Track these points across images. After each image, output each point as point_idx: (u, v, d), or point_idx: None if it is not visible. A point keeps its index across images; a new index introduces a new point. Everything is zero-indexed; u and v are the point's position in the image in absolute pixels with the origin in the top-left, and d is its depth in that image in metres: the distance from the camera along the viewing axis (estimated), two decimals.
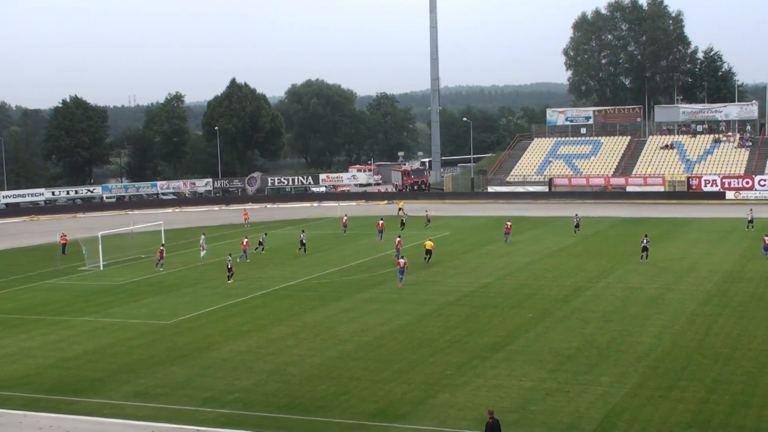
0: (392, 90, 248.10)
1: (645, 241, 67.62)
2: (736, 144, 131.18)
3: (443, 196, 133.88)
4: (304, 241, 77.39)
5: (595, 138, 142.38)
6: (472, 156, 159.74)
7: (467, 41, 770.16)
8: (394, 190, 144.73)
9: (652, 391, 34.39)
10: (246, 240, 75.54)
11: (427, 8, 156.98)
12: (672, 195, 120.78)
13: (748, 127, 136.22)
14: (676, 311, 48.59)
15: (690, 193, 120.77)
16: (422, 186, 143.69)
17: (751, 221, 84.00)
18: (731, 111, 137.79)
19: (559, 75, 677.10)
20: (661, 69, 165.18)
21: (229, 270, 63.20)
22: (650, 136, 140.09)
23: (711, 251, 70.77)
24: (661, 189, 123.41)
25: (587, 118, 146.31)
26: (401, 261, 60.15)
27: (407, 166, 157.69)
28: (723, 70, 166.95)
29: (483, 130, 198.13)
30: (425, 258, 68.03)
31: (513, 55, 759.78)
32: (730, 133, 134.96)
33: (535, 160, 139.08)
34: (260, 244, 78.17)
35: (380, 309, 51.81)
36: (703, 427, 30.37)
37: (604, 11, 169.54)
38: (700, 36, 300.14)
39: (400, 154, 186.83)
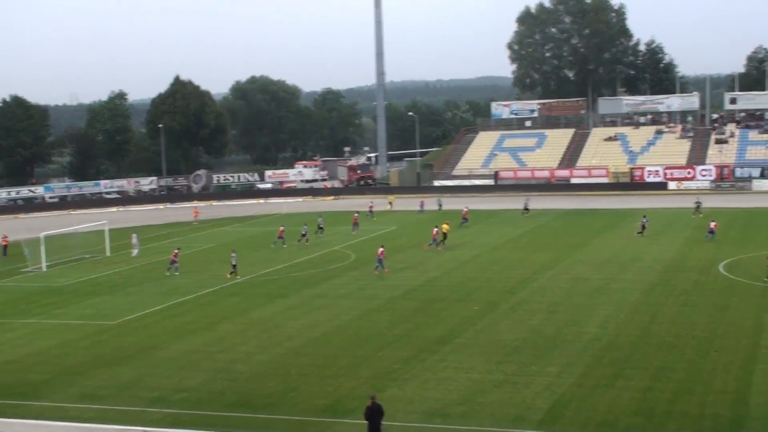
0: (338, 85, 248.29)
1: (644, 220, 74.06)
2: (678, 135, 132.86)
3: (390, 191, 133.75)
4: (304, 233, 78.31)
5: (540, 131, 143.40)
6: (418, 150, 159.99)
7: (412, 36, 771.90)
8: (340, 185, 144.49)
9: (598, 380, 34.76)
10: (282, 228, 78.40)
11: (372, 3, 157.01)
12: (616, 186, 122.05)
13: (690, 118, 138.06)
14: (621, 301, 49.15)
15: (633, 184, 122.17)
16: (368, 181, 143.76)
17: (698, 209, 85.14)
18: (673, 102, 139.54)
19: (504, 68, 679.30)
20: (604, 61, 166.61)
21: (234, 267, 62.52)
22: (594, 128, 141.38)
23: (654, 241, 71.61)
24: (605, 180, 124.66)
25: (532, 111, 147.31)
26: (380, 250, 61.23)
27: (353, 162, 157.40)
28: (664, 62, 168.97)
29: (429, 124, 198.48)
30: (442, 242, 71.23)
31: (458, 49, 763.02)
32: (672, 124, 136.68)
33: (480, 153, 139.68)
34: (303, 235, 78.62)
35: (328, 305, 51.75)
36: (647, 415, 30.77)
37: (547, 4, 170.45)
38: (641, 29, 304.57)
39: (347, 149, 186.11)
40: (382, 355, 39.92)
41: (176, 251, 66.31)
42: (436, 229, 72.65)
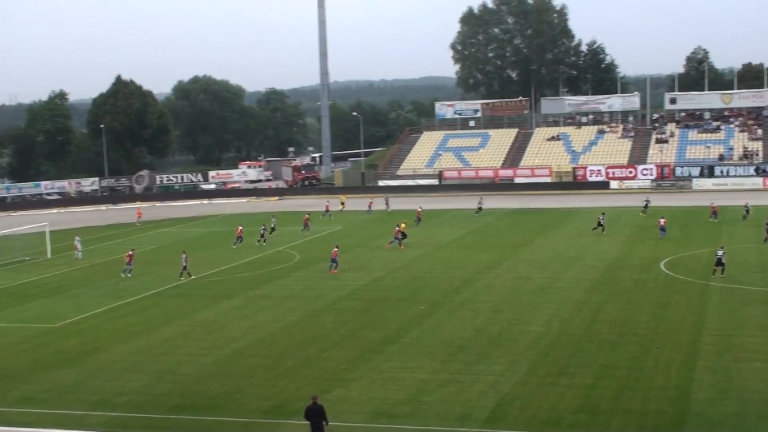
0: (282, 85, 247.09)
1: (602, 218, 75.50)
2: (619, 135, 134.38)
3: (334, 191, 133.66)
4: (262, 233, 78.25)
5: (484, 131, 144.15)
6: (362, 150, 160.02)
7: (356, 36, 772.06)
8: (284, 186, 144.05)
9: (542, 378, 35.00)
10: (240, 227, 78.47)
11: (316, 3, 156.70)
12: (559, 185, 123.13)
13: (631, 118, 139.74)
14: (564, 299, 49.56)
15: (576, 183, 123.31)
16: (313, 181, 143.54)
17: (645, 207, 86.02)
18: (614, 102, 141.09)
19: (448, 69, 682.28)
20: (546, 62, 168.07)
21: (184, 268, 61.81)
22: (537, 128, 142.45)
23: (597, 240, 72.33)
24: (548, 180, 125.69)
25: (475, 111, 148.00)
26: (334, 250, 61.46)
27: (298, 162, 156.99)
28: (606, 62, 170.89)
29: (373, 124, 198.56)
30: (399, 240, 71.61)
31: (402, 49, 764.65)
32: (613, 124, 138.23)
33: (424, 153, 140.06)
34: (261, 236, 78.17)
35: (273, 306, 51.55)
36: (591, 412, 31.04)
37: (490, 5, 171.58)
38: (583, 29, 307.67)
39: (291, 149, 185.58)
40: (327, 356, 39.84)
41: (131, 253, 65.39)
42: (397, 228, 72.77)
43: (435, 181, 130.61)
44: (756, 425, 29.32)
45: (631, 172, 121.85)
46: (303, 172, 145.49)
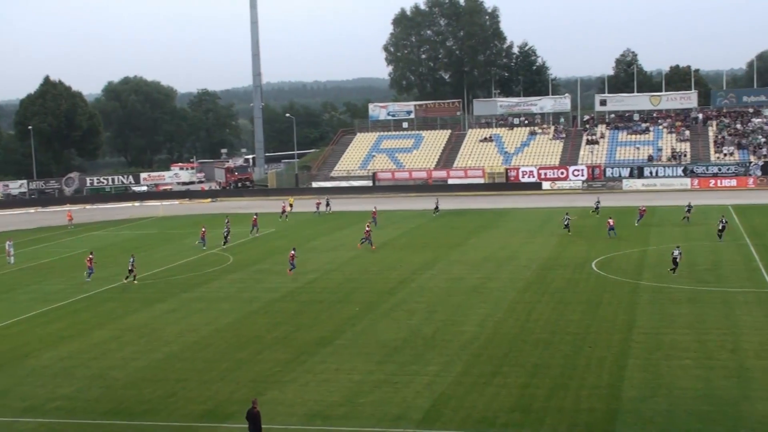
0: (214, 86, 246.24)
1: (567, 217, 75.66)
2: (551, 136, 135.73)
3: (268, 193, 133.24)
4: (225, 235, 77.22)
5: (417, 132, 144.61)
6: (296, 152, 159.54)
7: (289, 37, 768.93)
8: (217, 187, 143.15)
9: (477, 378, 35.22)
10: (204, 228, 77.69)
11: (248, 4, 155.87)
12: (492, 186, 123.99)
13: (562, 120, 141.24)
14: (498, 300, 49.92)
15: (509, 184, 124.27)
16: (246, 183, 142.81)
17: (596, 208, 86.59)
18: (546, 104, 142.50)
19: (381, 70, 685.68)
20: (478, 63, 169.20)
21: (130, 271, 60.72)
22: (470, 130, 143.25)
23: (529, 240, 72.97)
24: (482, 181, 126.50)
25: (409, 113, 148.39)
26: (292, 252, 60.79)
27: (230, 164, 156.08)
28: (537, 64, 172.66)
29: (306, 125, 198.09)
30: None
31: (335, 50, 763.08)
32: (545, 126, 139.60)
33: (358, 154, 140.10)
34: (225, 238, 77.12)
35: (206, 308, 51.16)
36: (525, 411, 31.32)
37: (422, 7, 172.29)
38: (515, 32, 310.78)
39: (223, 151, 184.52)
40: (261, 358, 39.65)
41: (90, 256, 64.13)
42: (368, 228, 72.64)
43: (369, 183, 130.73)
44: (686, 421, 29.81)
45: (562, 173, 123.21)
46: (236, 173, 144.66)
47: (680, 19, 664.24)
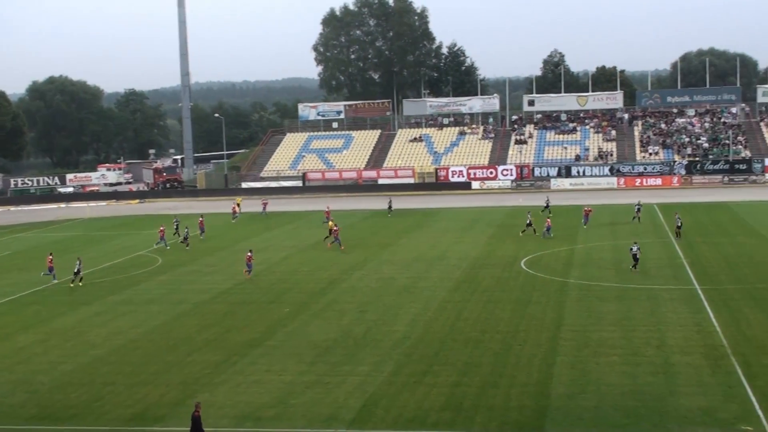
0: (141, 86, 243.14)
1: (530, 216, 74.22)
2: (480, 136, 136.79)
3: (197, 194, 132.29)
4: (185, 236, 75.62)
5: (347, 132, 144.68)
6: (225, 152, 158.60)
7: (218, 36, 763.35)
8: (145, 188, 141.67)
9: (408, 377, 35.31)
10: (163, 228, 76.48)
11: (175, 2, 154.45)
12: (422, 186, 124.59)
13: (491, 120, 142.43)
14: (428, 299, 50.10)
15: (438, 184, 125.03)
16: (175, 184, 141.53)
17: (547, 206, 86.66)
18: (475, 104, 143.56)
19: (310, 70, 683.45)
20: (408, 64, 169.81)
21: (76, 273, 59.37)
22: (400, 130, 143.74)
23: (459, 240, 73.39)
24: (412, 181, 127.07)
25: (338, 113, 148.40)
26: (249, 254, 59.77)
27: (159, 164, 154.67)
28: (466, 65, 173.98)
29: (235, 126, 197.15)
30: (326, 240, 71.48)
31: (264, 50, 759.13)
32: (474, 126, 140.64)
33: (288, 155, 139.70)
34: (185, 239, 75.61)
35: (134, 311, 50.54)
36: (456, 409, 31.47)
37: (352, 7, 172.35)
38: (444, 32, 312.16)
39: (152, 151, 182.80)
40: (191, 360, 39.29)
41: (50, 257, 62.47)
42: (336, 228, 71.96)
43: (299, 183, 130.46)
44: (613, 417, 30.22)
45: (491, 173, 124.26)
46: (164, 174, 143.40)
47: (606, 21, 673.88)
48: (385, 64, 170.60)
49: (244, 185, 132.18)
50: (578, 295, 49.69)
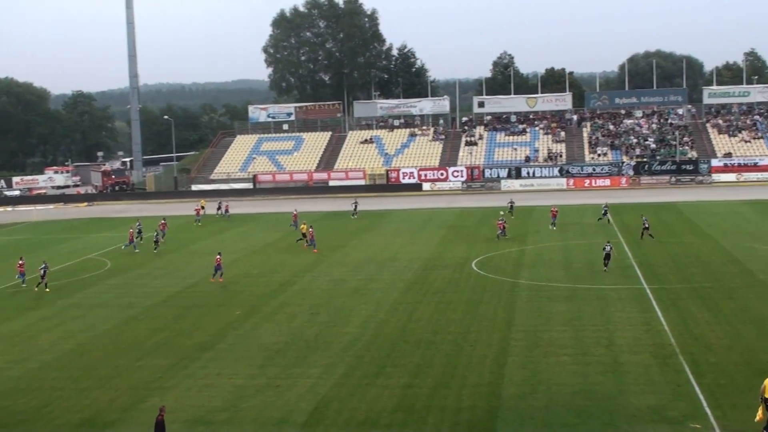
0: (89, 88, 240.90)
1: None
2: (430, 137, 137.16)
3: (146, 196, 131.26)
4: (156, 239, 74.70)
5: (297, 134, 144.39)
6: (174, 154, 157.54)
7: (167, 37, 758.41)
8: (94, 191, 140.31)
9: (359, 379, 35.29)
10: (132, 230, 75.36)
11: (123, 3, 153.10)
12: (373, 188, 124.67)
13: (441, 121, 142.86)
14: (380, 301, 50.12)
15: (390, 185, 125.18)
16: (123, 186, 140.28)
17: (511, 208, 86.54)
18: (425, 106, 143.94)
19: (260, 72, 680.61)
20: (358, 65, 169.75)
21: (42, 278, 58.20)
22: (350, 131, 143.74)
23: (411, 241, 73.50)
24: (363, 182, 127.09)
25: (289, 115, 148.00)
26: (218, 257, 58.77)
27: (107, 167, 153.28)
28: (416, 66, 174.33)
29: (185, 128, 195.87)
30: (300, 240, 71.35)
31: (214, 52, 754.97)
32: (424, 127, 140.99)
33: (238, 157, 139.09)
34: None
35: (83, 315, 50.00)
36: (408, 411, 31.51)
37: (302, 9, 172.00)
38: (394, 34, 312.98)
39: (100, 154, 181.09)
40: (141, 365, 38.95)
41: (21, 262, 61.41)
42: (311, 230, 71.41)
43: (249, 185, 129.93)
44: (564, 416, 30.43)
45: (442, 174, 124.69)
46: (113, 177, 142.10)
47: (555, 23, 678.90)
48: (335, 65, 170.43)
49: (194, 187, 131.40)
50: (529, 295, 49.97)
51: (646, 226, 69.15)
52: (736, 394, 31.74)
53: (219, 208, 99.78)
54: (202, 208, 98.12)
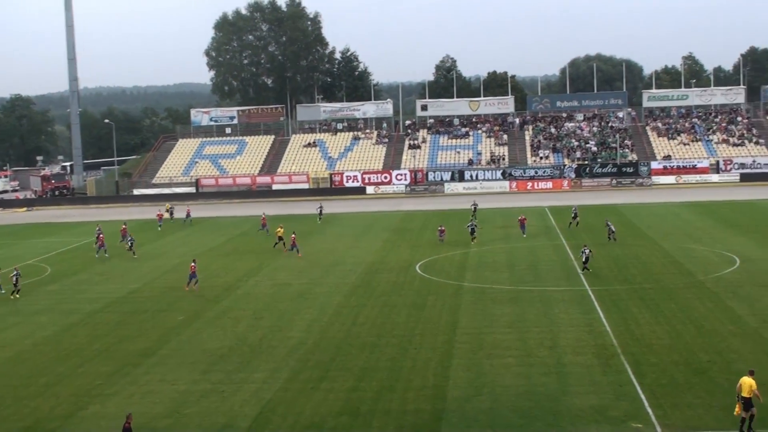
0: (28, 91, 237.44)
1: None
2: (374, 141, 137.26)
3: (87, 201, 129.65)
4: (130, 244, 72.42)
5: (240, 138, 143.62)
6: (115, 159, 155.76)
7: (107, 40, 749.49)
8: (33, 196, 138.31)
9: (304, 383, 35.18)
10: (101, 235, 73.66)
11: (62, 6, 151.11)
12: (316, 191, 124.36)
13: (384, 125, 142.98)
14: (324, 304, 50.02)
15: (333, 189, 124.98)
16: (64, 191, 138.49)
17: (474, 211, 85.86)
18: (368, 109, 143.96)
19: (203, 75, 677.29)
20: (301, 69, 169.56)
21: (15, 285, 56.93)
22: (294, 135, 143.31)
23: (355, 245, 73.46)
24: (306, 186, 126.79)
25: (232, 118, 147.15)
26: (192, 264, 57.13)
27: (47, 171, 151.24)
28: (359, 70, 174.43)
29: (126, 132, 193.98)
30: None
31: (155, 55, 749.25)
32: (368, 131, 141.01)
33: (180, 161, 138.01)
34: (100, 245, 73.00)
35: (22, 322, 49.23)
36: (353, 414, 31.47)
37: (244, 12, 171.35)
38: (337, 37, 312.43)
39: (39, 158, 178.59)
40: (83, 372, 38.45)
41: None
42: (293, 235, 69.79)
43: (192, 189, 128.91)
44: (508, 418, 30.59)
45: (386, 178, 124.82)
46: (53, 181, 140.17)
47: (497, 27, 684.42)
48: (278, 69, 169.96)
49: (136, 192, 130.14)
50: (473, 298, 50.18)
51: (612, 230, 68.95)
52: (677, 393, 32.18)
53: (169, 211, 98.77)
54: (167, 211, 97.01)
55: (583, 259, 56.33)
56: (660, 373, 34.52)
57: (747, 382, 28.41)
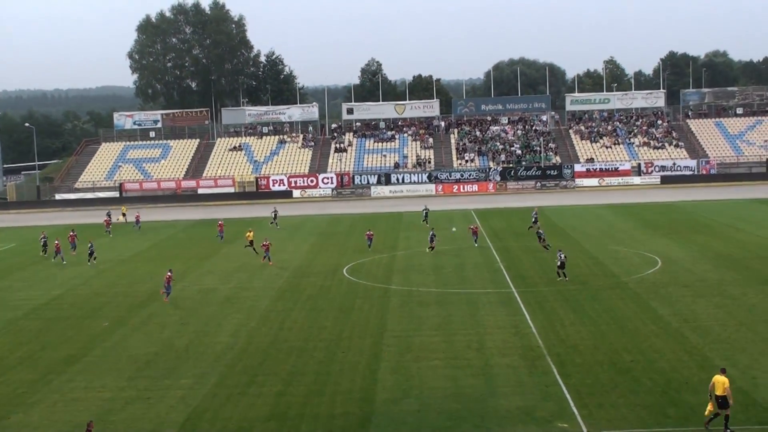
0: None
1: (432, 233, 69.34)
2: (300, 144, 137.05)
3: (7, 206, 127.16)
4: (91, 251, 69.69)
5: (165, 141, 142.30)
6: (36, 163, 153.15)
7: (27, 42, 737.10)
8: None
9: (232, 389, 34.97)
10: (57, 242, 71.57)
11: None
12: (242, 195, 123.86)
13: (310, 128, 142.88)
14: (251, 309, 49.80)
15: (259, 192, 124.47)
16: None
17: (425, 217, 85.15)
18: (294, 113, 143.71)
19: (126, 78, 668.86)
20: (226, 72, 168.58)
21: None
22: (219, 139, 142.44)
23: (281, 248, 73.04)
24: (232, 190, 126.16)
25: (155, 122, 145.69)
26: (168, 274, 54.97)
27: None
28: (285, 73, 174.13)
29: (47, 135, 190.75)
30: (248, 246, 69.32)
31: (77, 57, 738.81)
32: (294, 134, 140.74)
33: (104, 165, 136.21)
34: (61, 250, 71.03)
35: None
36: (281, 419, 31.37)
37: (168, 14, 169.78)
38: (262, 40, 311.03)
39: None
40: (4, 380, 37.72)
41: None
42: (267, 242, 67.19)
43: (115, 194, 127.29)
44: (436, 420, 30.76)
45: (312, 181, 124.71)
46: None
47: (422, 30, 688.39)
48: (202, 72, 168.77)
49: (58, 197, 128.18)
50: (400, 301, 50.37)
51: (540, 234, 68.04)
52: (602, 393, 32.67)
53: (122, 216, 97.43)
54: (123, 215, 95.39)
55: (558, 264, 54.77)
56: (585, 374, 35.02)
57: (720, 381, 28.78)
